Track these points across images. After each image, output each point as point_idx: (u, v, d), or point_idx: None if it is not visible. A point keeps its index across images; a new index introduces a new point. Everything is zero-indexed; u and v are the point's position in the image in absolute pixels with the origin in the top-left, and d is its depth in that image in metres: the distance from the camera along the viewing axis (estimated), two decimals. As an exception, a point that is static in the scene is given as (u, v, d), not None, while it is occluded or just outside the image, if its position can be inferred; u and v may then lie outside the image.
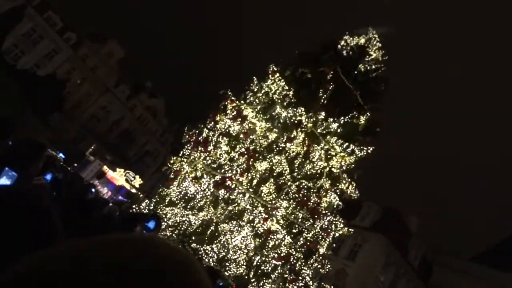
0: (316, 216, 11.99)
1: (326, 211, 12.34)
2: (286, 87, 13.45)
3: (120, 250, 0.48)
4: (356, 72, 14.13)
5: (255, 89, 14.15)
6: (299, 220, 11.96)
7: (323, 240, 12.15)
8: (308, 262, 11.83)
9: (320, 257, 12.04)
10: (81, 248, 0.49)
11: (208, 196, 12.16)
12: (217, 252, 11.03)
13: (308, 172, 12.56)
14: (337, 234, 12.53)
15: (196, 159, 13.18)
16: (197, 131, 13.72)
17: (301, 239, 11.93)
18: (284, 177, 12.03)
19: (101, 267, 0.45)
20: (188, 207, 12.14)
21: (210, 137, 13.21)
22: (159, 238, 0.56)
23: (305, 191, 12.05)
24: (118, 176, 33.21)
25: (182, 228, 11.57)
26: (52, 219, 1.01)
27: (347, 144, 13.06)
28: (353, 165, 13.23)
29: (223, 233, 11.31)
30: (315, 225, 12.06)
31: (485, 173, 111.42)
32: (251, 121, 13.02)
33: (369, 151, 13.35)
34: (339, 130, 13.01)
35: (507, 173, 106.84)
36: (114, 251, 0.48)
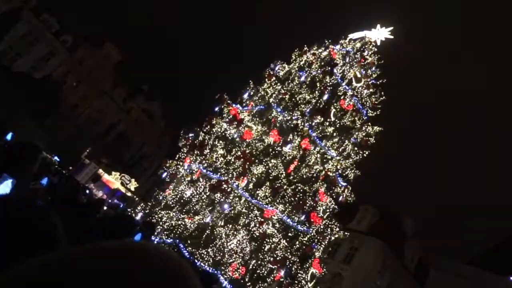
0: (312, 220, 12.00)
1: (322, 215, 12.35)
2: (283, 91, 13.50)
3: (112, 258, 0.49)
4: (352, 77, 14.19)
5: (252, 93, 14.19)
6: (295, 223, 11.96)
7: (319, 243, 12.16)
8: (304, 266, 11.83)
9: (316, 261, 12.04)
10: (73, 256, 0.49)
11: (204, 200, 12.15)
12: (213, 256, 11.00)
13: (304, 176, 12.57)
14: (332, 238, 12.54)
15: (192, 162, 13.18)
16: (193, 135, 13.74)
17: (297, 242, 11.93)
18: (280, 180, 12.04)
19: (92, 276, 0.46)
20: (184, 210, 12.11)
21: (206, 141, 13.22)
22: (152, 244, 0.57)
23: (301, 194, 12.05)
24: (113, 179, 33.13)
25: (178, 232, 11.53)
26: (52, 226, 1.01)
27: (343, 147, 13.12)
28: (349, 168, 13.27)
29: (218, 236, 11.28)
30: (311, 229, 12.07)
31: (483, 174, 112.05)
32: (247, 125, 13.05)
33: (364, 154, 13.43)
34: (335, 134, 13.06)
35: (505, 174, 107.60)
36: (106, 259, 0.48)
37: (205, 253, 11.01)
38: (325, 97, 13.34)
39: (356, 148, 13.46)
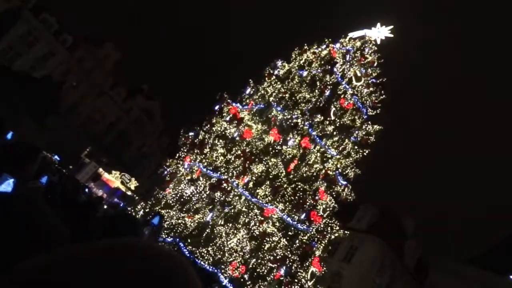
0: (312, 219, 12.00)
1: (322, 214, 12.36)
2: (283, 90, 13.49)
3: (112, 258, 0.48)
4: (352, 75, 14.17)
5: (252, 92, 14.18)
6: (295, 222, 11.96)
7: (319, 242, 12.16)
8: (304, 265, 11.83)
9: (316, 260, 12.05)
10: (72, 255, 0.49)
11: (204, 199, 12.14)
12: (213, 255, 11.00)
13: (304, 175, 12.57)
14: (332, 237, 12.54)
15: (192, 161, 13.18)
16: (193, 134, 13.74)
17: (297, 241, 11.93)
18: (280, 179, 12.03)
19: (92, 276, 0.46)
20: (184, 209, 12.11)
21: (206, 140, 13.22)
22: (152, 243, 0.56)
23: (301, 193, 12.05)
24: (113, 179, 33.13)
25: (178, 231, 11.53)
26: (49, 223, 1.01)
27: (343, 146, 13.13)
28: (349, 167, 13.28)
29: (218, 235, 11.28)
30: (311, 228, 12.08)
31: (482, 175, 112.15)
32: (247, 124, 13.04)
33: (365, 153, 13.43)
34: (335, 133, 13.06)
35: (504, 175, 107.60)
36: (106, 259, 0.48)
37: (205, 252, 11.01)
38: (325, 96, 13.34)
39: (356, 147, 13.46)
